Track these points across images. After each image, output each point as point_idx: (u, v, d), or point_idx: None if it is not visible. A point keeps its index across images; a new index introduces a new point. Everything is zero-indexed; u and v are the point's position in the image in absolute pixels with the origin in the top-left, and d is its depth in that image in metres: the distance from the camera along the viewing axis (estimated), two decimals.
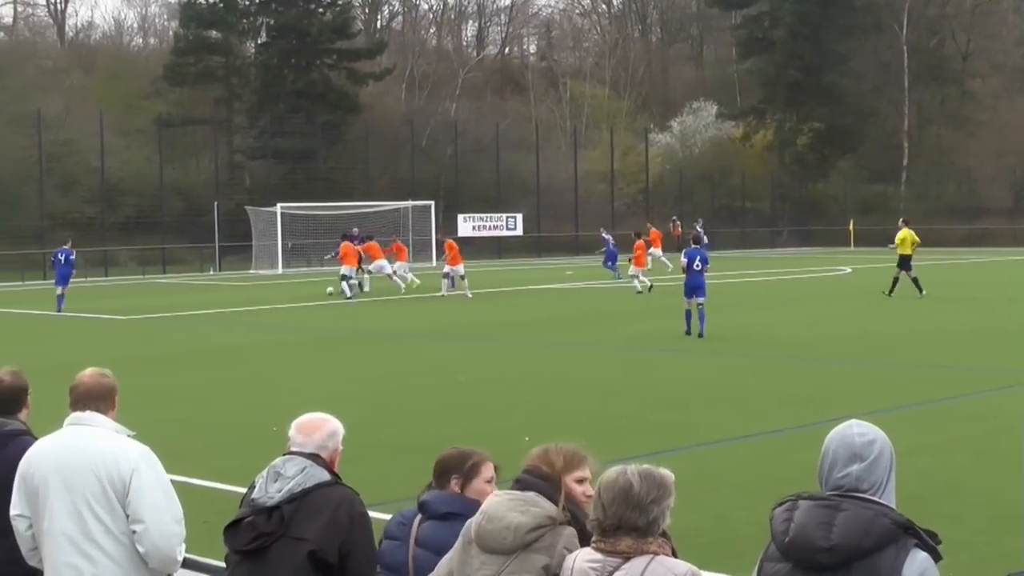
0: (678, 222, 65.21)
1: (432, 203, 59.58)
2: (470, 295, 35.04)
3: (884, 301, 31.27)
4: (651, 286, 35.89)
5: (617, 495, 3.91)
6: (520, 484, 4.51)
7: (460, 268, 36.05)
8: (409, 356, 21.68)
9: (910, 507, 3.93)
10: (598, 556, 3.94)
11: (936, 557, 3.64)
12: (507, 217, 63.66)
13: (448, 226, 60.87)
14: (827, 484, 3.76)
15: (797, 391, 16.65)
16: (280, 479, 4.90)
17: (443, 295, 35.62)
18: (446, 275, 36.71)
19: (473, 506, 4.68)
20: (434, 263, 55.56)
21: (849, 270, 47.27)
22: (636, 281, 36.45)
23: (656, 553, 3.89)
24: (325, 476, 4.92)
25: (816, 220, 76.51)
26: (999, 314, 27.97)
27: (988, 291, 35.24)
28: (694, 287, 23.62)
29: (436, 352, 22.26)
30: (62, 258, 34.55)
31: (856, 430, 3.78)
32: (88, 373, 5.38)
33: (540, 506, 4.37)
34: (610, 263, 45.13)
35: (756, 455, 12.36)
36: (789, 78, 78.49)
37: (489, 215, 63.72)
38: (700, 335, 23.26)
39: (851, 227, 70.13)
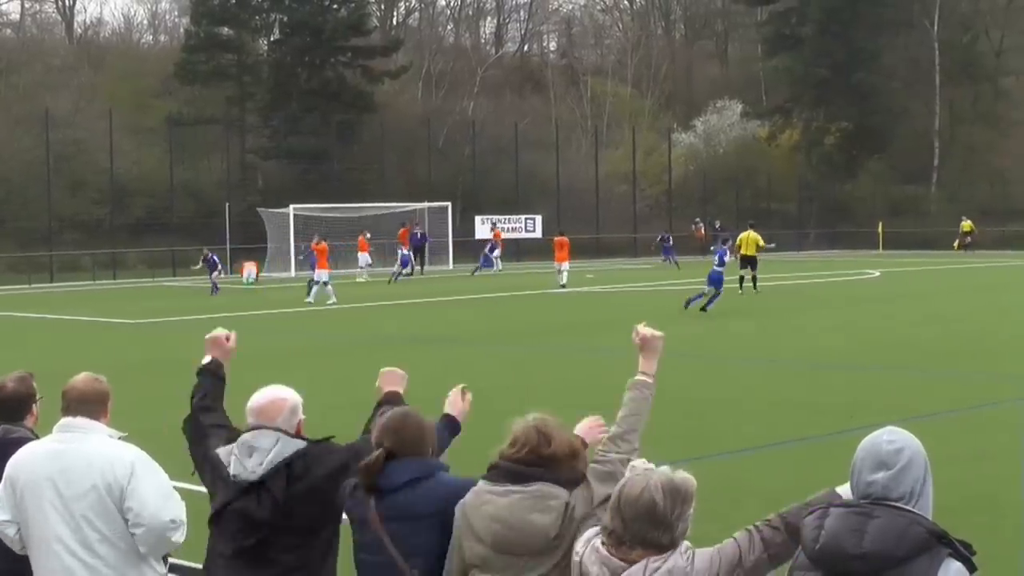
0: (701, 224, 64.26)
1: (449, 204, 58.33)
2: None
3: (916, 306, 31.13)
4: (564, 285, 38.60)
5: (640, 513, 3.77)
6: (521, 477, 4.26)
7: (324, 274, 35.27)
8: (425, 361, 20.51)
9: (943, 517, 3.82)
10: (606, 553, 3.84)
11: (971, 568, 3.56)
12: (526, 219, 62.25)
13: (465, 228, 59.48)
14: (857, 492, 3.68)
15: (826, 398, 16.03)
16: (256, 452, 4.79)
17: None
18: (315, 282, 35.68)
19: (433, 464, 4.58)
20: (451, 266, 54.18)
21: (878, 273, 46.36)
22: (563, 276, 39.68)
23: None
24: (299, 443, 4.87)
25: (844, 222, 74.86)
26: None
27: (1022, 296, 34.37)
28: (716, 280, 29.20)
29: (445, 358, 21.32)
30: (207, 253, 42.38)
31: (885, 437, 3.68)
32: (81, 378, 5.32)
33: (556, 496, 4.22)
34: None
35: (783, 464, 11.97)
36: (817, 76, 76.73)
37: (508, 217, 62.40)
38: (687, 306, 28.45)
39: (880, 229, 69.28)
